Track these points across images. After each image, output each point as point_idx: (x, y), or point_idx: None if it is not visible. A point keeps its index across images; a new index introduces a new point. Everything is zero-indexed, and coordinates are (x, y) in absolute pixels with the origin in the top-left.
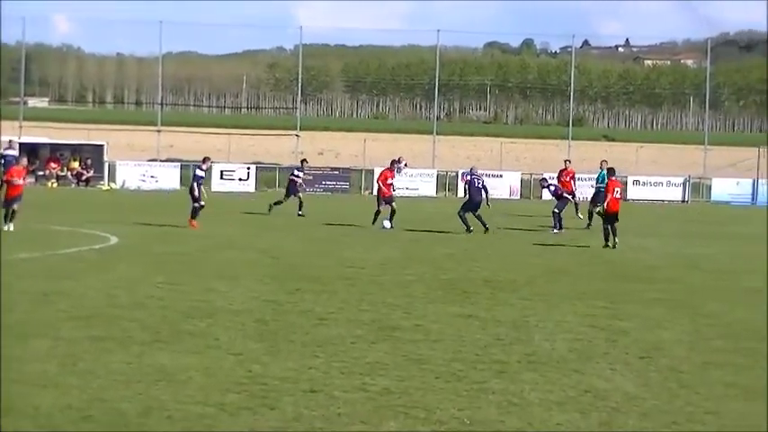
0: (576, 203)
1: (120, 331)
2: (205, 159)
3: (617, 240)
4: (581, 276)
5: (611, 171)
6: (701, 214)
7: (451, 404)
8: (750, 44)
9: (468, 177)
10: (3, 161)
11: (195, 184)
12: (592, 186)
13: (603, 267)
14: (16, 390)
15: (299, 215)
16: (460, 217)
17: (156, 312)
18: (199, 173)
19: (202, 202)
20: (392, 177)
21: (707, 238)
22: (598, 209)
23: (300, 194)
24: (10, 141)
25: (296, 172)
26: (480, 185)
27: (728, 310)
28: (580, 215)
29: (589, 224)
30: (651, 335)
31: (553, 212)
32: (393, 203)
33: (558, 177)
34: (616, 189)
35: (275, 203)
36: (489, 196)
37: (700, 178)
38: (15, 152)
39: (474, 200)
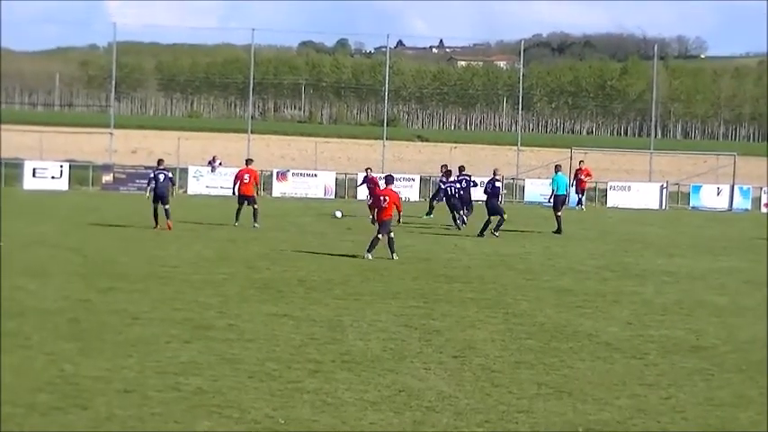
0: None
1: None
2: (160, 161)
3: (395, 255)
4: (396, 276)
5: (388, 179)
6: (515, 214)
7: (266, 404)
8: (562, 46)
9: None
10: None
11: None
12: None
13: (418, 267)
14: None
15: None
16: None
17: None
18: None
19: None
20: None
21: (520, 238)
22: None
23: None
24: None
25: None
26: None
27: (539, 309)
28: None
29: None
30: (464, 334)
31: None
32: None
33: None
34: (384, 198)
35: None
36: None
37: (513, 179)
38: None
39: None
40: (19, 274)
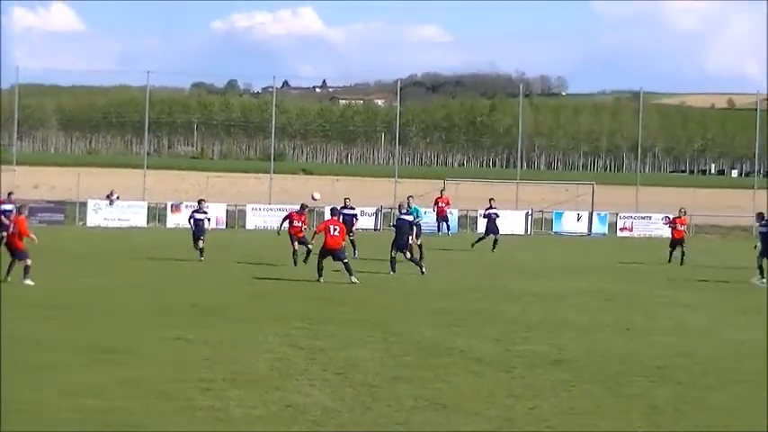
0: None
1: None
2: (201, 201)
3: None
4: (283, 300)
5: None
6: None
7: (160, 422)
8: (435, 85)
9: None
10: None
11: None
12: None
13: (303, 291)
14: None
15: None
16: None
17: None
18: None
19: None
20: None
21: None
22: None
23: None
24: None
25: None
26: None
27: (415, 329)
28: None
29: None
30: (346, 353)
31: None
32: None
33: None
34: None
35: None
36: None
37: (390, 208)
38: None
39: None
40: None
